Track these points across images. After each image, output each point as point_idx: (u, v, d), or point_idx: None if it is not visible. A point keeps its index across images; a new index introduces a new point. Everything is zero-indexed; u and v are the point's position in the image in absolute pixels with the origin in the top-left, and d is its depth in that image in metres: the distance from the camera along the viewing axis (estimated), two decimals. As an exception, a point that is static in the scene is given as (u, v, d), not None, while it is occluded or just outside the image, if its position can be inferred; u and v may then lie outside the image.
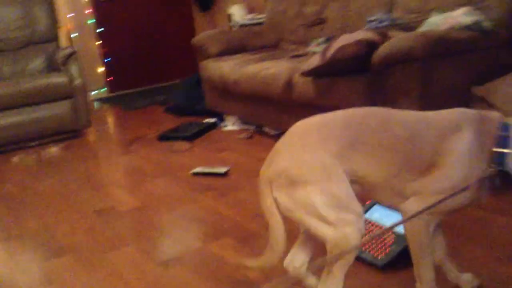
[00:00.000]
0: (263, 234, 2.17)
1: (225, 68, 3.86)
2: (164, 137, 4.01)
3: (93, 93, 6.35)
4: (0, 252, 2.33)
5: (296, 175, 1.37)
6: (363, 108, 1.47)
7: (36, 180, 3.39)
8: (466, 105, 2.67)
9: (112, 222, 2.52)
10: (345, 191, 1.37)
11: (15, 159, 4.06)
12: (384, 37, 2.72)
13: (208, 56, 4.27)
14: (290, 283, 1.65)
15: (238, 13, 5.07)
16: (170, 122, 4.57)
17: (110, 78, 6.42)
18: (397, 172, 1.40)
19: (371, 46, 2.63)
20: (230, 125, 4.16)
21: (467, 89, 2.68)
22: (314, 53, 3.53)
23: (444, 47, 2.54)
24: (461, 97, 2.64)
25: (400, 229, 1.87)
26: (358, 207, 1.37)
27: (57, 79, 4.33)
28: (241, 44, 4.41)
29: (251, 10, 5.28)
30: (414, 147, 1.39)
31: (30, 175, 3.52)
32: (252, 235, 2.19)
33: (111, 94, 6.47)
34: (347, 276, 1.35)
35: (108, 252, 2.19)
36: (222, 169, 3.03)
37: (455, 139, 1.38)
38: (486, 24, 2.71)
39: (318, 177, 1.37)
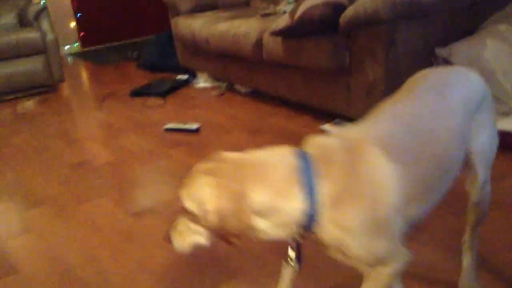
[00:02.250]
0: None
1: (196, 26, 3.90)
2: (136, 93, 4.07)
3: (65, 48, 6.29)
4: (-22, 203, 2.42)
5: None
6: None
7: (11, 133, 3.44)
8: (431, 65, 2.80)
9: (86, 175, 2.62)
10: None
11: (-12, 113, 4.09)
12: (351, -2, 2.80)
13: (179, 13, 4.28)
14: None
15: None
16: (142, 78, 4.62)
17: (82, 33, 6.36)
18: None
19: (338, 7, 2.72)
20: (202, 82, 4.22)
21: (431, 51, 2.80)
22: (284, 12, 3.59)
23: (409, 9, 2.63)
24: (425, 58, 2.77)
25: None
26: None
27: (29, 34, 4.31)
28: (212, 1, 4.43)
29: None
30: None
31: (5, 128, 3.57)
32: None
33: (83, 49, 6.42)
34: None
35: (83, 203, 2.30)
36: (194, 126, 3.13)
37: None
38: (449, -13, 2.81)
39: None
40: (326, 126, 2.93)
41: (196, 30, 3.88)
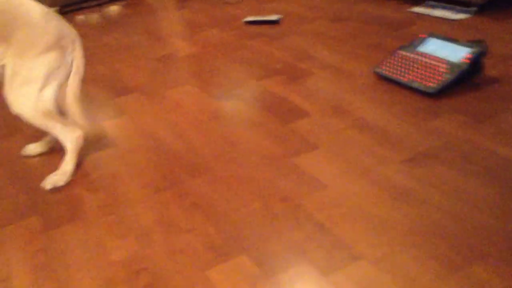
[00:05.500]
0: (313, 71, 2.30)
1: None
2: (217, -9, 4.04)
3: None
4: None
5: None
6: None
7: (101, 34, 3.58)
8: None
9: (172, 66, 2.71)
10: None
11: (79, 18, 4.25)
12: None
13: None
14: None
15: None
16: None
17: None
18: None
19: None
20: (283, -24, 4.11)
21: None
22: None
23: None
24: None
25: (453, 59, 1.92)
26: None
27: None
28: None
29: None
30: None
31: (95, 30, 3.72)
32: (301, 73, 2.31)
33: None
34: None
35: (170, 89, 2.40)
36: (274, 17, 3.09)
37: None
38: None
39: None
40: (417, 9, 2.78)
41: None
